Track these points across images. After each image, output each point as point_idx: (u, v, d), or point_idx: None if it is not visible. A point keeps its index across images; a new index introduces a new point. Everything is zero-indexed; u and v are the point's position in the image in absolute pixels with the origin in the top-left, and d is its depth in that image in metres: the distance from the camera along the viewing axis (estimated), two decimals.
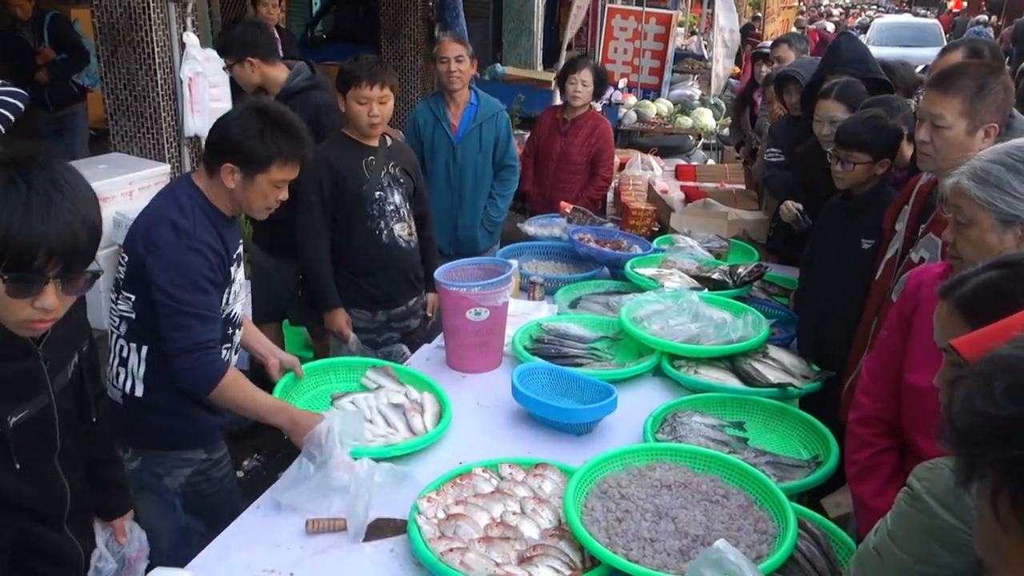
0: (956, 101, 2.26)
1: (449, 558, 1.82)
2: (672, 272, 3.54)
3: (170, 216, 2.25)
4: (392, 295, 3.51)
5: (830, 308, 2.99)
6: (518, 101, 7.90)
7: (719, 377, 2.78)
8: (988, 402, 0.69)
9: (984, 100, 2.25)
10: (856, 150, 2.93)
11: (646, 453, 2.21)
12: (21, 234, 1.39)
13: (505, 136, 4.41)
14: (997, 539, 0.69)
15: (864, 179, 2.97)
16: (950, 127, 2.26)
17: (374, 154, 3.39)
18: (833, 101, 3.35)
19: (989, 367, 0.72)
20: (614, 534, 1.88)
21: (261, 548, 1.95)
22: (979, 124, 2.25)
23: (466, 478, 2.14)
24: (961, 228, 1.84)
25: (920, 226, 2.47)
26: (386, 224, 3.41)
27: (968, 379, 0.74)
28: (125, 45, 4.55)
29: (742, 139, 6.43)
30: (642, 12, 9.76)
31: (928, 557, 1.36)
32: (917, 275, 2.07)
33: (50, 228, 1.42)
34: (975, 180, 1.79)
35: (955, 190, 1.83)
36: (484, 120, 4.34)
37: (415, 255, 3.55)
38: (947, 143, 2.28)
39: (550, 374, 2.74)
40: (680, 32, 12.86)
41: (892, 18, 25.99)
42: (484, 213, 4.46)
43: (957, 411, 0.72)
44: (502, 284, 2.88)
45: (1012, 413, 0.67)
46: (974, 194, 1.79)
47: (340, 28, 11.57)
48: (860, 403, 2.10)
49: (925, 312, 1.87)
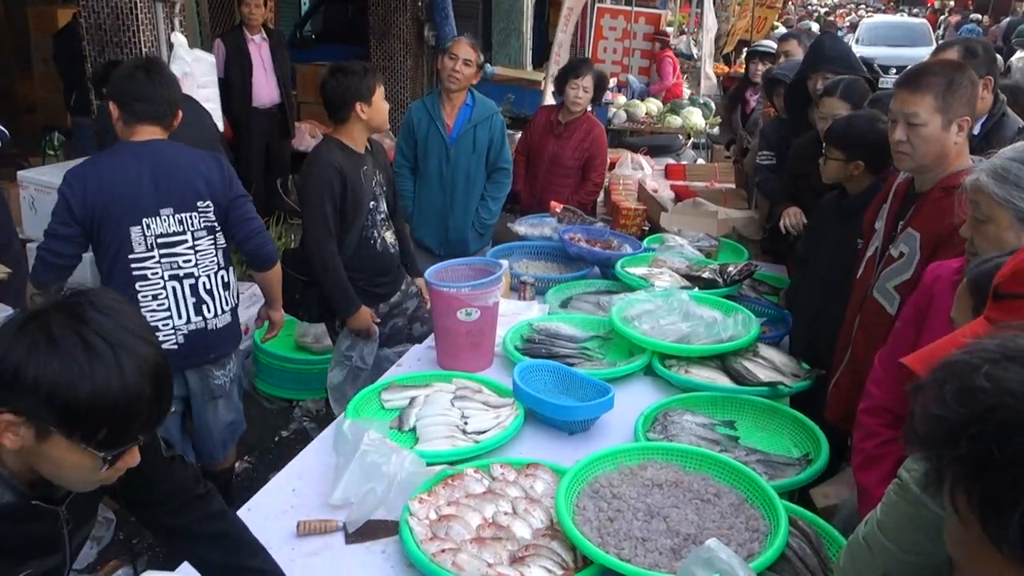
0: (929, 98, 2.30)
1: (441, 559, 1.81)
2: (662, 271, 3.55)
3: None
4: (390, 288, 3.67)
5: (824, 307, 3.01)
6: (508, 101, 7.89)
7: (710, 376, 2.79)
8: (941, 406, 0.73)
9: (955, 95, 2.29)
10: (832, 146, 2.98)
11: (637, 452, 2.22)
12: (121, 400, 1.23)
13: (499, 138, 4.39)
14: (961, 536, 0.72)
15: (839, 177, 3.02)
16: (925, 124, 2.31)
17: (366, 163, 3.44)
18: (837, 99, 3.38)
19: (942, 373, 0.76)
20: (606, 533, 1.88)
21: None
22: (952, 118, 2.30)
23: (458, 479, 2.14)
24: (979, 225, 1.87)
25: (899, 223, 2.49)
26: (378, 233, 3.51)
27: (925, 386, 0.77)
28: (112, 46, 4.53)
29: (732, 137, 6.44)
30: (631, 12, 9.78)
31: (912, 546, 1.37)
32: (934, 270, 2.09)
33: (146, 384, 1.26)
34: (994, 178, 1.81)
35: (974, 187, 1.86)
36: (479, 122, 4.32)
37: (399, 257, 3.74)
38: (924, 140, 2.32)
39: (549, 372, 2.75)
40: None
41: (881, 18, 25.90)
42: (475, 215, 4.44)
43: (917, 416, 0.76)
44: (492, 284, 2.88)
45: (960, 415, 0.70)
46: (993, 191, 1.81)
47: (329, 28, 11.52)
48: (870, 393, 2.12)
49: (939, 306, 1.89)
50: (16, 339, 1.22)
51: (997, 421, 0.65)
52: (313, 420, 4.42)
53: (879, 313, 2.44)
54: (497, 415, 2.50)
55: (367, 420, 2.39)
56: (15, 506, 1.33)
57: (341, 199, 3.31)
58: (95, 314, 1.26)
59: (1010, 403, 0.64)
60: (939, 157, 2.34)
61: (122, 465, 1.33)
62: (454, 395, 2.61)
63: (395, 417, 2.54)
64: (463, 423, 2.46)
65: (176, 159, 2.88)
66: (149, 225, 2.81)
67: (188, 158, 2.90)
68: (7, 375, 1.21)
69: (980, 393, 0.68)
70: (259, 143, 6.50)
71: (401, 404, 2.60)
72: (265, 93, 6.48)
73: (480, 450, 2.33)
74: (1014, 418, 0.63)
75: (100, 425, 1.24)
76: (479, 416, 2.49)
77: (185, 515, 1.65)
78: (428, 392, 2.63)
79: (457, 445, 2.35)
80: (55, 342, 1.21)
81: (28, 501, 1.35)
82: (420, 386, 2.68)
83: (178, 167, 2.86)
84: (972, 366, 0.71)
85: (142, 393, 1.25)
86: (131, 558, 3.17)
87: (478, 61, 4.26)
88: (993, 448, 0.64)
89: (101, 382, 1.21)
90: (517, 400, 2.57)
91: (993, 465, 0.64)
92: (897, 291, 2.38)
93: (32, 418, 1.22)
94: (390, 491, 2.04)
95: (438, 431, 2.42)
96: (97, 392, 1.21)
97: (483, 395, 2.63)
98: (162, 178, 2.82)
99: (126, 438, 1.29)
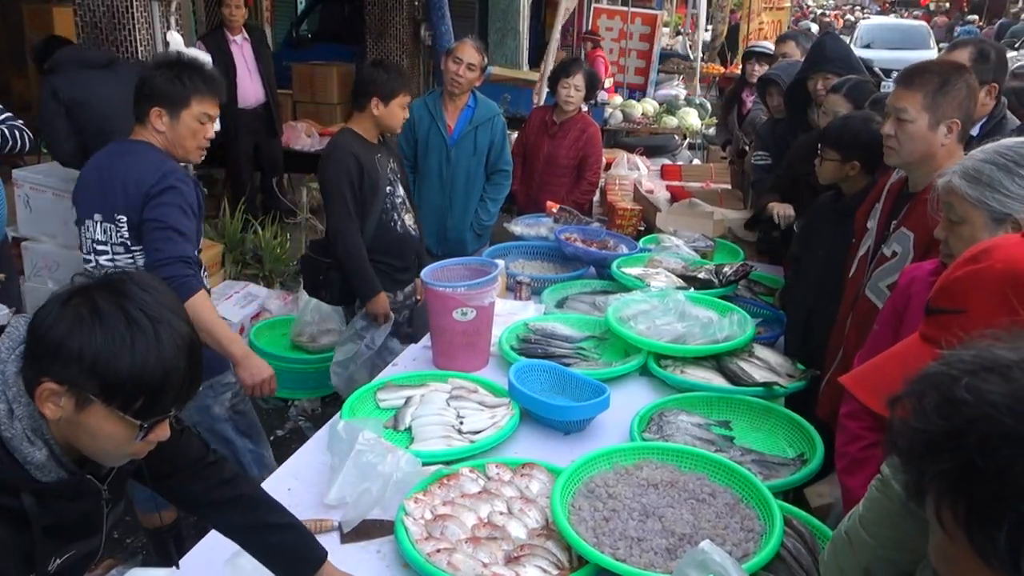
0: (919, 96, 2.31)
1: (436, 559, 1.81)
2: (658, 271, 3.55)
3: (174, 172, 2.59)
4: (409, 276, 3.78)
5: (817, 306, 3.01)
6: (504, 101, 7.87)
7: (705, 376, 2.79)
8: (921, 419, 0.72)
9: (946, 96, 2.30)
10: (828, 147, 2.99)
11: (633, 452, 2.22)
12: (157, 373, 1.29)
13: (500, 140, 4.41)
14: (947, 551, 0.71)
15: (835, 177, 3.03)
16: (912, 121, 2.32)
17: (380, 151, 3.61)
18: (841, 97, 3.40)
19: (920, 385, 0.75)
20: (601, 533, 1.88)
21: None
22: (941, 119, 2.31)
23: (453, 478, 2.14)
24: (953, 226, 1.88)
25: (892, 222, 2.50)
26: (398, 215, 3.66)
27: (904, 398, 0.76)
28: (108, 44, 4.51)
29: (729, 138, 6.45)
30: (627, 12, 9.79)
31: (891, 542, 1.38)
32: (910, 271, 2.09)
33: (180, 359, 1.32)
34: (967, 179, 1.82)
35: (947, 188, 1.86)
36: (480, 123, 4.33)
37: (420, 240, 3.84)
38: (910, 137, 2.34)
39: (544, 372, 2.75)
40: (665, 32, 12.91)
41: (880, 20, 25.59)
42: (474, 216, 4.45)
43: (897, 429, 0.75)
44: (488, 284, 2.88)
45: (941, 427, 0.70)
46: (966, 192, 1.82)
47: (325, 28, 11.52)
48: (851, 396, 2.12)
49: (916, 308, 1.89)
50: (62, 313, 1.28)
51: (980, 433, 0.64)
52: (309, 419, 4.42)
53: (871, 312, 2.45)
54: (493, 415, 2.50)
55: (362, 420, 2.39)
56: (67, 483, 1.39)
57: (359, 183, 3.47)
58: (137, 290, 1.32)
59: (992, 415, 0.64)
60: (925, 156, 2.35)
61: (153, 438, 1.38)
62: (450, 395, 2.61)
63: (391, 417, 2.54)
64: (459, 423, 2.46)
65: (117, 162, 2.61)
66: (88, 227, 2.63)
67: (127, 163, 2.59)
68: (52, 346, 1.27)
69: (962, 405, 0.67)
70: (247, 144, 6.48)
71: (397, 404, 2.59)
72: (251, 93, 6.49)
73: (476, 450, 2.33)
74: (997, 430, 0.63)
75: (138, 395, 1.30)
76: (475, 416, 2.49)
77: (203, 482, 1.72)
78: (424, 392, 2.63)
79: (453, 445, 2.35)
80: (100, 315, 1.28)
81: (80, 477, 1.40)
82: (416, 386, 2.68)
83: (112, 171, 2.60)
84: (951, 378, 0.70)
85: (178, 366, 1.32)
86: (125, 557, 3.17)
87: (481, 64, 4.26)
88: (977, 461, 0.64)
89: (141, 354, 1.28)
90: (512, 400, 2.57)
91: (977, 478, 0.64)
92: (889, 290, 2.39)
93: (74, 387, 1.28)
94: (386, 491, 2.04)
95: (434, 431, 2.42)
96: (137, 363, 1.28)
97: (479, 395, 2.63)
98: (104, 180, 2.60)
99: (160, 409, 1.34)
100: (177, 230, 2.49)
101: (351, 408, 2.53)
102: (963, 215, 1.84)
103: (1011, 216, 1.80)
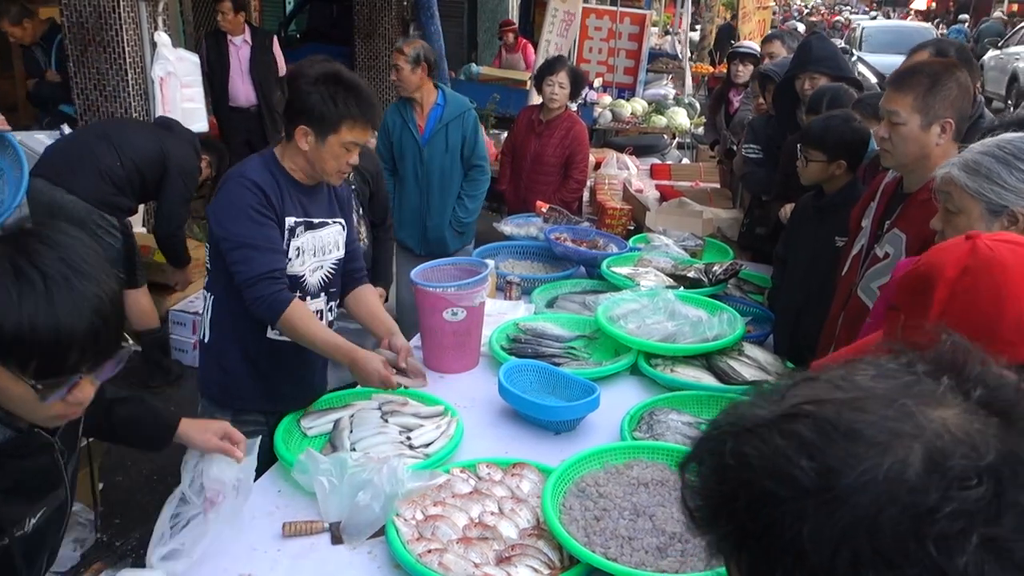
0: (909, 98, 2.32)
1: (428, 559, 1.81)
2: (648, 271, 3.56)
3: (231, 173, 2.44)
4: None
5: (805, 305, 3.02)
6: (493, 101, 7.90)
7: (695, 375, 2.80)
8: (703, 486, 0.72)
9: (937, 96, 2.30)
10: (812, 148, 3.00)
11: (623, 451, 2.22)
12: (48, 333, 1.24)
13: (472, 135, 4.40)
14: None
15: (821, 178, 3.04)
16: (904, 123, 2.33)
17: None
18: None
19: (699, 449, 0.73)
20: (592, 533, 1.88)
21: (238, 552, 1.93)
22: (933, 119, 2.31)
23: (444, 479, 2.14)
24: (950, 216, 1.90)
25: (885, 222, 2.51)
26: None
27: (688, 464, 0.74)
28: (95, 45, 4.49)
29: (717, 138, 6.48)
30: (616, 12, 9.79)
31: None
32: (903, 266, 2.10)
33: (78, 320, 1.25)
34: (966, 171, 1.86)
35: (945, 180, 1.89)
36: (450, 120, 4.34)
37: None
38: (903, 139, 2.34)
39: (535, 372, 2.75)
40: (654, 32, 12.93)
41: (883, 23, 24.60)
42: (452, 214, 4.46)
43: (685, 498, 0.74)
44: (478, 284, 2.88)
45: (717, 493, 0.70)
46: (964, 183, 1.85)
47: (314, 28, 11.50)
48: None
49: None
50: None
51: (747, 498, 0.66)
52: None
53: (862, 312, 2.46)
54: (437, 425, 2.41)
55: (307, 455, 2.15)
56: (15, 441, 1.38)
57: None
58: (39, 246, 1.28)
59: (752, 479, 0.66)
60: (919, 157, 2.36)
61: (73, 400, 1.35)
62: (382, 411, 2.47)
63: (326, 444, 2.37)
64: (405, 439, 2.35)
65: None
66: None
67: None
68: None
69: (729, 471, 0.68)
70: (240, 142, 6.57)
71: (325, 429, 2.43)
72: (241, 94, 6.61)
73: (433, 464, 2.23)
74: (759, 492, 0.65)
75: (31, 355, 1.26)
76: (422, 430, 2.39)
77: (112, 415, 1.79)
78: (350, 412, 2.46)
79: (408, 463, 2.15)
80: None
81: (29, 431, 1.39)
82: (339, 408, 2.52)
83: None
84: (721, 441, 0.71)
85: (73, 328, 1.26)
86: (114, 560, 3.15)
87: (410, 58, 4.18)
88: (747, 524, 0.66)
89: (28, 314, 1.23)
90: (447, 406, 2.51)
91: (750, 538, 0.66)
92: (880, 291, 2.40)
93: None
94: (383, 503, 1.99)
95: (384, 450, 2.27)
96: (24, 322, 1.23)
97: (411, 406, 2.50)
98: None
99: (60, 371, 1.29)
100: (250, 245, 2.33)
101: (282, 440, 2.32)
102: (960, 206, 1.87)
103: (1008, 208, 1.83)
